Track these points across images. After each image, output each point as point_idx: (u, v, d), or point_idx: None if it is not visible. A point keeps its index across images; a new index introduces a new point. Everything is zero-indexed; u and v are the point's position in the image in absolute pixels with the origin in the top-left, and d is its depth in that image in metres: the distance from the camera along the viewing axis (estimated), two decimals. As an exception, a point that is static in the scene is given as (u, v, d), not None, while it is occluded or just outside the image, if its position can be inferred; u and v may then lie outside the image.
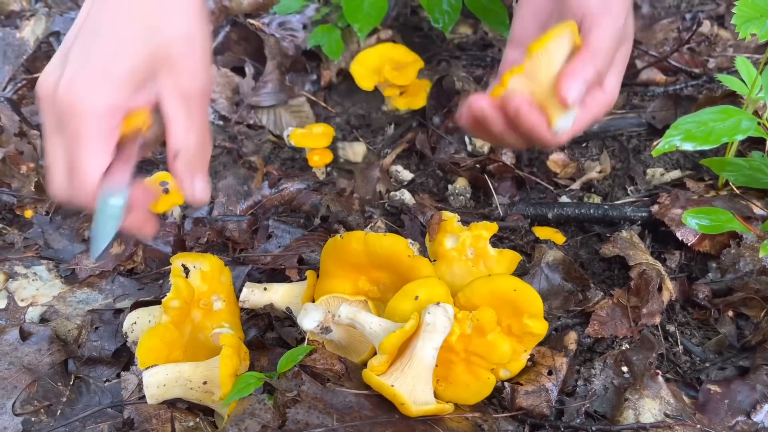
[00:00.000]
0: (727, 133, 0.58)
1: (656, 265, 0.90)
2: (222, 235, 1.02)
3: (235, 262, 0.98)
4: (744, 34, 0.76)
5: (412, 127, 1.29)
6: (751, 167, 0.69)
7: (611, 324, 0.86)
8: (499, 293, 0.79)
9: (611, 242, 0.95)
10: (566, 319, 0.89)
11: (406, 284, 0.79)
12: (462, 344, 0.78)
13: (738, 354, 0.83)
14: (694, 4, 1.71)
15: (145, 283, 0.98)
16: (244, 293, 0.90)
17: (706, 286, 0.91)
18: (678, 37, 1.41)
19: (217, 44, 1.37)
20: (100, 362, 0.87)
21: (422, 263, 0.81)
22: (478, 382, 0.78)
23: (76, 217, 1.09)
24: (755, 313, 0.86)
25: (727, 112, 0.60)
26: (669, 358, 0.84)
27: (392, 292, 0.81)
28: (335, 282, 0.85)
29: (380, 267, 0.83)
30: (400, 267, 0.81)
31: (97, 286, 0.98)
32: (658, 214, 0.98)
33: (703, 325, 0.89)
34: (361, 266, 0.84)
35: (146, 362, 0.76)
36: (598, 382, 0.80)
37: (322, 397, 0.74)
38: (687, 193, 1.02)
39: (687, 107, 1.23)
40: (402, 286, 0.79)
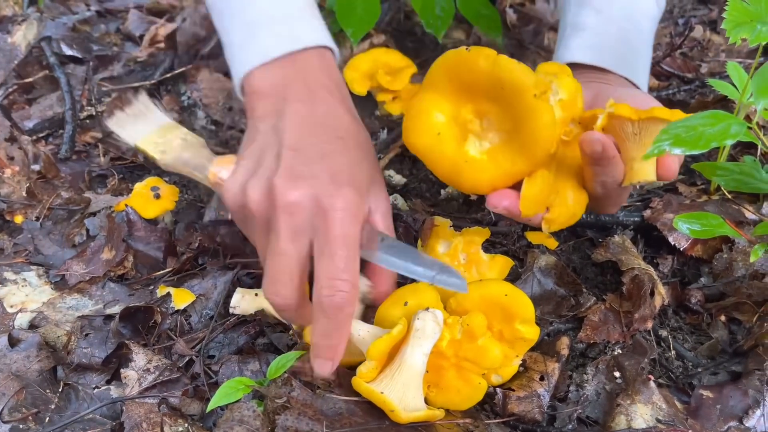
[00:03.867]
0: (716, 138, 0.58)
1: (648, 270, 0.90)
2: (213, 241, 1.02)
3: (227, 267, 0.98)
4: (734, 39, 0.76)
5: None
6: (742, 172, 0.68)
7: (603, 329, 0.86)
8: (491, 298, 0.78)
9: (603, 247, 0.95)
10: (559, 324, 0.88)
11: (517, 126, 0.70)
12: (452, 349, 0.78)
13: (730, 359, 0.83)
14: (686, 9, 1.72)
15: (135, 289, 0.98)
16: (234, 299, 0.90)
17: (699, 290, 0.91)
18: (670, 42, 1.41)
19: (210, 49, 1.37)
20: (89, 369, 0.86)
21: (544, 108, 0.68)
22: (470, 387, 0.78)
23: (66, 222, 1.08)
24: (747, 318, 0.86)
25: (717, 116, 0.60)
26: (661, 363, 0.84)
27: (494, 132, 0.72)
28: (438, 97, 0.74)
29: (496, 98, 0.71)
30: (520, 105, 0.69)
31: (87, 292, 0.97)
32: (650, 218, 0.98)
33: (695, 330, 0.89)
34: (475, 91, 0.72)
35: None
36: (590, 388, 0.80)
37: (312, 404, 0.73)
38: (679, 198, 1.02)
39: (679, 112, 1.23)
40: (510, 128, 0.71)
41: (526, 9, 1.66)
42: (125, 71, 1.37)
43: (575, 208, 0.76)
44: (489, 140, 0.73)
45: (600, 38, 0.92)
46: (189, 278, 0.98)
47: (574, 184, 0.76)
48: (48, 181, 1.15)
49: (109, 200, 1.09)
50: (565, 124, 0.73)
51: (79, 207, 1.10)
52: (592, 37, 0.92)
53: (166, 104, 1.30)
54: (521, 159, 0.70)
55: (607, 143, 0.68)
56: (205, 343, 0.89)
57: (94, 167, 1.19)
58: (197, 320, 0.93)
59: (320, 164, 0.73)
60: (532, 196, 0.71)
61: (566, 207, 0.75)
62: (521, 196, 0.71)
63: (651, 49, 0.97)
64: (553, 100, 0.71)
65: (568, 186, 0.75)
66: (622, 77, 0.89)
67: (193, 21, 1.40)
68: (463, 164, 0.73)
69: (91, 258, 1.01)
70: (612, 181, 0.73)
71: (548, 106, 0.68)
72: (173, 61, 1.39)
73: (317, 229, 0.70)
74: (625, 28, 0.92)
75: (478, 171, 0.73)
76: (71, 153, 1.20)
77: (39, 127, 1.26)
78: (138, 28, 1.49)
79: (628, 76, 0.89)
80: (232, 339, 0.90)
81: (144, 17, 1.52)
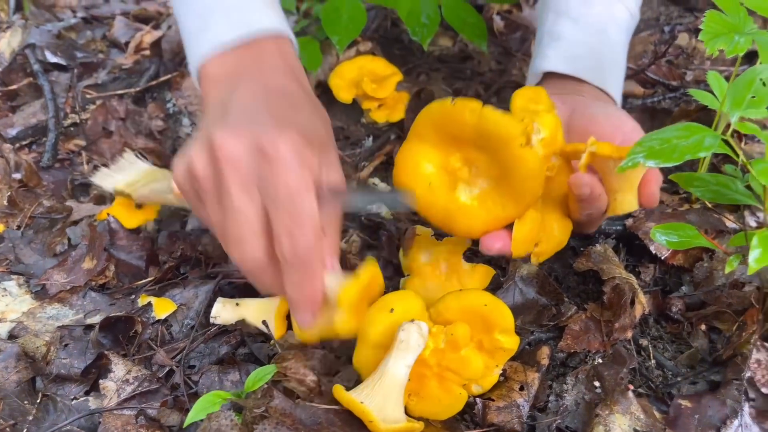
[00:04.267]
0: (690, 151, 0.58)
1: (630, 279, 0.90)
2: (195, 250, 1.01)
3: (208, 277, 0.97)
4: (712, 50, 0.76)
5: (390, 139, 1.29)
6: (718, 183, 0.69)
7: (584, 338, 0.86)
8: (470, 308, 0.78)
9: (585, 256, 0.95)
10: (540, 333, 0.88)
11: (504, 173, 0.72)
12: (435, 359, 0.78)
13: (709, 368, 0.83)
14: (673, 17, 1.73)
15: (116, 299, 0.97)
16: (215, 309, 0.90)
17: (680, 299, 0.91)
18: (655, 50, 1.42)
19: (195, 56, 1.37)
20: (68, 380, 0.86)
21: (531, 157, 0.70)
22: (450, 397, 0.78)
23: (48, 231, 1.08)
24: (727, 327, 0.86)
25: (691, 129, 0.60)
26: (642, 372, 0.84)
27: (483, 178, 0.74)
28: (426, 148, 0.76)
29: (483, 148, 0.73)
30: (506, 154, 0.71)
31: (67, 302, 0.96)
32: (632, 227, 0.98)
33: (676, 339, 0.89)
34: (462, 141, 0.74)
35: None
36: (569, 398, 0.80)
37: (291, 413, 0.73)
38: (661, 207, 1.02)
39: (662, 120, 1.24)
40: (498, 175, 0.73)
41: (513, 16, 1.67)
42: (110, 78, 1.37)
43: (561, 237, 0.80)
44: (479, 186, 0.75)
45: (576, 48, 0.94)
46: (171, 287, 0.98)
47: (559, 214, 0.79)
48: (30, 189, 1.14)
49: (92, 209, 1.08)
50: (547, 159, 0.74)
51: (60, 216, 1.09)
52: (568, 47, 0.94)
53: (151, 112, 1.30)
54: (511, 204, 0.73)
55: (594, 185, 0.72)
56: (186, 353, 0.88)
57: (77, 175, 1.19)
58: (178, 330, 0.93)
59: (268, 117, 0.69)
60: (523, 238, 0.74)
61: (553, 239, 0.79)
62: (513, 239, 0.74)
63: (625, 59, 0.99)
64: (535, 139, 0.73)
65: (553, 218, 0.79)
66: (597, 87, 0.91)
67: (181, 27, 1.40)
68: (455, 211, 0.75)
69: (72, 267, 1.01)
70: (597, 212, 0.76)
71: (534, 154, 0.70)
72: (159, 68, 1.39)
73: (265, 178, 0.65)
74: (600, 39, 0.94)
75: (470, 217, 0.75)
76: (53, 161, 1.20)
77: (22, 135, 1.25)
78: (124, 34, 1.49)
79: (603, 87, 0.92)
80: (212, 349, 0.89)
81: (130, 24, 1.52)
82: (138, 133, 1.26)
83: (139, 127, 1.27)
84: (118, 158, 1.06)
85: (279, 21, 0.86)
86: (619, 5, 0.96)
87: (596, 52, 0.93)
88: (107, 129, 1.26)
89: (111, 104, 1.27)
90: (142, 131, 1.27)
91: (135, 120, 1.27)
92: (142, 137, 1.26)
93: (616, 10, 0.97)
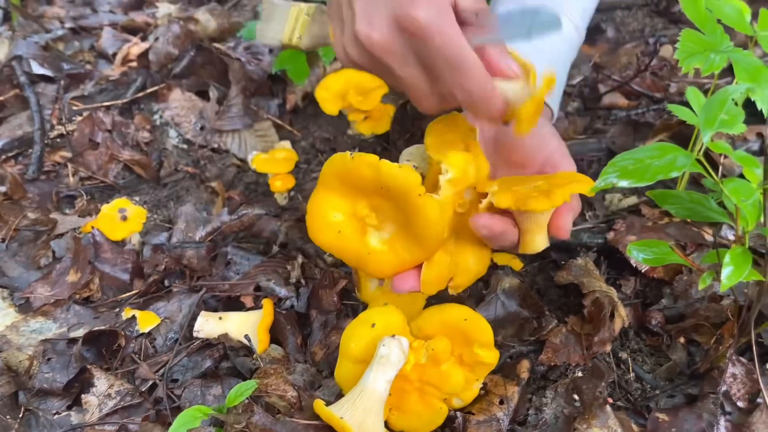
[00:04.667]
0: (662, 171, 0.59)
1: (609, 292, 0.91)
2: (179, 263, 1.02)
3: (192, 290, 0.98)
4: (687, 68, 0.78)
5: (376, 151, 1.30)
6: (692, 200, 0.70)
7: (564, 351, 0.87)
8: (450, 323, 0.79)
9: (566, 269, 0.96)
10: (521, 346, 0.89)
11: (408, 220, 0.75)
12: (416, 373, 0.78)
13: (687, 381, 0.84)
14: (657, 29, 1.74)
15: (100, 312, 0.98)
16: (198, 323, 0.90)
17: (659, 312, 0.92)
18: (638, 62, 1.43)
19: (182, 68, 1.38)
20: (50, 394, 0.86)
21: (430, 204, 0.73)
22: (431, 411, 0.79)
23: (32, 244, 1.08)
24: (705, 340, 0.87)
25: (664, 148, 0.61)
26: (621, 385, 0.85)
27: (390, 223, 0.77)
28: (333, 198, 0.78)
29: (386, 196, 0.76)
30: (407, 203, 0.74)
31: (51, 315, 0.96)
32: (613, 241, 0.99)
33: (655, 352, 0.90)
34: (366, 190, 0.77)
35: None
36: (549, 411, 0.80)
37: (271, 428, 0.73)
38: (642, 220, 1.03)
39: (645, 133, 1.25)
40: (403, 221, 0.75)
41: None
42: (97, 90, 1.37)
43: (478, 268, 0.83)
44: (387, 230, 0.78)
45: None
46: (155, 300, 0.98)
47: (475, 248, 0.82)
48: (15, 201, 1.14)
49: (76, 221, 1.08)
50: (459, 196, 0.77)
51: (45, 228, 1.10)
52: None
53: (138, 123, 1.30)
54: (417, 249, 0.76)
55: (492, 225, 0.75)
56: (169, 366, 0.89)
57: (62, 188, 1.19)
58: (162, 343, 0.93)
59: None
60: (431, 280, 0.78)
61: (468, 272, 0.82)
62: (421, 280, 0.77)
63: (566, 71, 1.01)
64: (443, 179, 0.75)
65: (468, 252, 0.81)
66: None
67: (166, 40, 1.40)
68: (366, 255, 0.78)
69: (56, 280, 1.01)
70: (508, 245, 0.79)
71: (433, 203, 0.73)
72: (146, 79, 1.39)
73: (419, 51, 0.69)
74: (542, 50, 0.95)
75: (381, 261, 0.78)
76: (39, 173, 1.20)
77: (8, 147, 1.25)
78: (112, 45, 1.49)
79: None
80: (196, 363, 0.90)
81: (118, 35, 1.52)
82: (124, 145, 1.26)
83: (125, 138, 1.27)
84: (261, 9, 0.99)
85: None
86: (563, 19, 0.98)
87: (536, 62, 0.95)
88: (93, 140, 1.26)
89: (97, 116, 1.27)
90: (128, 143, 1.27)
91: (121, 132, 1.27)
92: (129, 149, 1.26)
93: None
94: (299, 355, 0.89)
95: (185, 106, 1.33)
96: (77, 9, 1.68)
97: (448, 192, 0.76)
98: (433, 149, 0.79)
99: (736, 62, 0.81)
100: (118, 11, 1.67)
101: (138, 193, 1.22)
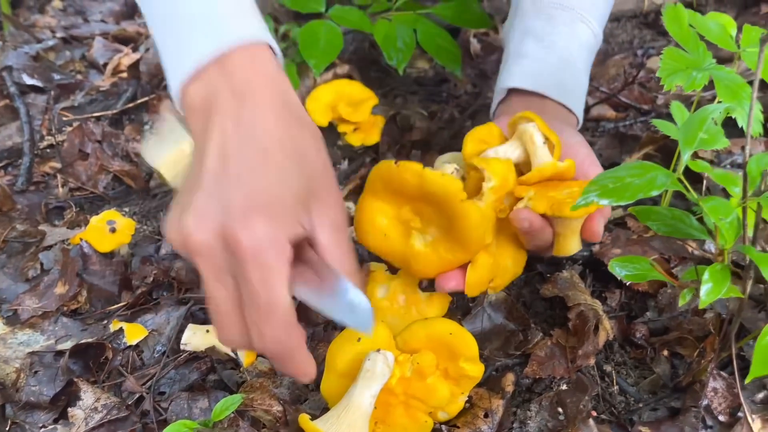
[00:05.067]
0: (642, 189, 0.60)
1: (595, 305, 0.92)
2: (168, 275, 1.02)
3: (180, 302, 0.98)
4: (669, 86, 0.79)
5: (366, 162, 1.31)
6: (674, 217, 0.71)
7: (549, 364, 0.87)
8: (436, 337, 0.80)
9: (552, 282, 0.96)
10: (507, 359, 0.90)
11: (451, 224, 0.77)
12: (402, 387, 0.79)
13: (670, 394, 0.85)
14: (646, 40, 1.76)
15: (88, 324, 0.98)
16: (186, 336, 0.90)
17: (644, 325, 0.93)
18: (625, 74, 1.44)
19: (173, 79, 1.38)
20: (37, 407, 0.86)
21: (472, 209, 0.76)
22: (416, 425, 0.79)
23: (21, 255, 1.08)
24: (689, 353, 0.88)
25: (644, 167, 0.62)
26: (605, 398, 0.86)
27: (433, 227, 0.80)
28: (379, 203, 0.82)
29: (429, 202, 0.79)
30: (449, 208, 0.77)
31: (39, 327, 0.97)
32: (598, 253, 1.00)
33: (639, 365, 0.91)
34: (410, 196, 0.80)
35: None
36: (533, 425, 0.81)
37: (257, 444, 0.74)
38: (627, 233, 1.04)
39: (632, 146, 1.26)
40: (446, 225, 0.78)
41: (490, 39, 1.69)
42: (87, 100, 1.37)
43: (515, 269, 0.87)
44: (431, 234, 0.81)
45: (540, 66, 0.98)
46: (143, 313, 0.98)
47: (513, 248, 0.85)
48: (3, 213, 1.14)
49: (65, 233, 1.09)
50: (499, 202, 0.80)
51: (34, 240, 1.10)
52: (533, 65, 0.98)
53: (128, 134, 1.31)
54: (460, 251, 0.79)
55: (532, 219, 0.77)
56: (156, 379, 0.89)
57: (51, 199, 1.19)
58: (149, 356, 0.94)
59: (235, 189, 0.64)
60: (475, 282, 0.81)
61: (507, 273, 0.86)
62: (466, 282, 0.80)
63: (587, 77, 1.04)
64: (486, 187, 0.78)
65: (507, 253, 0.85)
66: (560, 104, 0.96)
67: (157, 50, 1.41)
68: (411, 257, 0.81)
69: (44, 292, 1.01)
70: (543, 243, 0.81)
71: (475, 208, 0.76)
72: (137, 90, 1.40)
73: (234, 270, 0.63)
74: (563, 57, 0.98)
75: (425, 262, 0.81)
76: (28, 185, 1.20)
77: (-2, 157, 1.26)
78: (103, 55, 1.50)
79: (565, 103, 0.96)
80: (183, 375, 0.90)
81: (109, 45, 1.53)
82: (114, 156, 1.27)
83: (115, 149, 1.28)
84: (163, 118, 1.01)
85: (253, 28, 0.75)
86: (582, 25, 1.00)
87: (559, 70, 0.98)
88: (83, 151, 1.26)
89: (87, 126, 1.28)
90: (118, 153, 1.28)
91: (111, 142, 1.28)
92: (119, 159, 1.26)
93: (579, 30, 1.00)
94: (286, 368, 0.90)
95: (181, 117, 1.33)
96: (69, 18, 1.68)
97: (491, 199, 0.79)
98: (473, 157, 0.82)
99: (718, 80, 0.82)
100: (110, 20, 1.68)
101: (127, 204, 1.22)
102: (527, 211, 0.77)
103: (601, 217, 0.81)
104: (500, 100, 1.03)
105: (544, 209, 0.76)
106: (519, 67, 0.99)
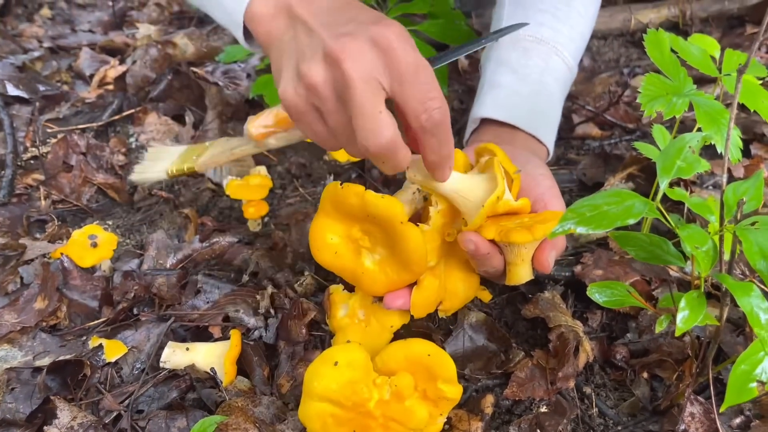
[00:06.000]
0: (619, 218, 0.61)
1: (575, 327, 0.92)
2: (149, 291, 1.01)
3: (161, 318, 0.97)
4: (649, 112, 0.79)
5: (352, 178, 1.31)
6: (651, 243, 0.71)
7: (529, 386, 0.87)
8: (414, 358, 0.80)
9: (533, 303, 0.97)
10: (487, 380, 0.90)
11: (394, 245, 0.80)
12: (380, 410, 0.78)
13: (649, 417, 0.85)
14: (632, 59, 1.78)
15: (67, 340, 0.97)
16: (165, 354, 0.90)
17: (624, 346, 0.93)
18: (613, 92, 1.46)
19: (159, 92, 1.38)
20: (13, 425, 0.85)
21: (412, 232, 0.79)
22: (395, 447, 0.79)
23: (0, 269, 1.07)
24: (668, 375, 0.89)
25: (621, 195, 0.62)
26: (584, 420, 0.86)
27: (380, 246, 0.82)
28: (331, 222, 0.85)
29: (374, 223, 0.82)
30: (391, 230, 0.80)
31: (17, 343, 0.96)
32: (580, 274, 1.00)
33: (619, 386, 0.91)
34: (357, 217, 0.82)
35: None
36: (511, 448, 0.81)
37: (234, 466, 0.73)
38: (609, 254, 1.04)
39: (615, 165, 1.27)
40: (392, 245, 0.80)
41: (478, 55, 1.70)
42: (72, 112, 1.37)
43: (467, 293, 0.88)
44: (378, 253, 0.83)
45: (513, 97, 1.00)
46: (123, 329, 0.97)
47: (464, 273, 0.87)
48: (-16, 226, 1.14)
49: (46, 247, 1.08)
50: (448, 226, 0.83)
51: (14, 253, 1.09)
52: (506, 96, 1.00)
53: (113, 146, 1.30)
54: (404, 271, 0.81)
55: (478, 242, 0.78)
56: (135, 397, 0.88)
57: (33, 212, 1.18)
58: (128, 373, 0.93)
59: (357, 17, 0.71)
60: (420, 303, 0.82)
61: (457, 297, 0.87)
62: (411, 303, 0.82)
63: (560, 109, 1.05)
64: (433, 210, 0.82)
65: (458, 277, 0.87)
66: (530, 135, 0.97)
67: (144, 63, 1.41)
68: (360, 274, 0.84)
69: (23, 307, 1.00)
70: (493, 271, 0.82)
71: (414, 230, 0.78)
72: (122, 102, 1.39)
73: (388, 65, 0.69)
74: (536, 90, 0.99)
75: (373, 280, 0.83)
76: (10, 197, 1.19)
77: (-20, 169, 1.25)
78: (89, 66, 1.49)
79: (535, 134, 0.98)
80: (162, 393, 0.89)
81: (96, 56, 1.53)
82: (99, 168, 1.26)
83: (100, 161, 1.27)
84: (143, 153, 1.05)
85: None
86: (556, 58, 1.01)
87: (531, 102, 0.99)
88: (67, 163, 1.26)
89: (72, 138, 1.27)
90: (103, 166, 1.27)
91: (96, 155, 1.27)
92: (103, 172, 1.26)
93: (553, 63, 1.02)
94: (266, 387, 0.89)
95: (161, 129, 1.33)
96: (57, 28, 1.68)
97: (439, 222, 0.82)
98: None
99: (697, 105, 0.83)
100: (98, 30, 1.68)
101: (111, 217, 1.22)
102: (474, 234, 0.78)
103: (551, 249, 0.81)
104: (473, 129, 1.05)
105: (492, 235, 0.77)
106: (492, 98, 1.01)
